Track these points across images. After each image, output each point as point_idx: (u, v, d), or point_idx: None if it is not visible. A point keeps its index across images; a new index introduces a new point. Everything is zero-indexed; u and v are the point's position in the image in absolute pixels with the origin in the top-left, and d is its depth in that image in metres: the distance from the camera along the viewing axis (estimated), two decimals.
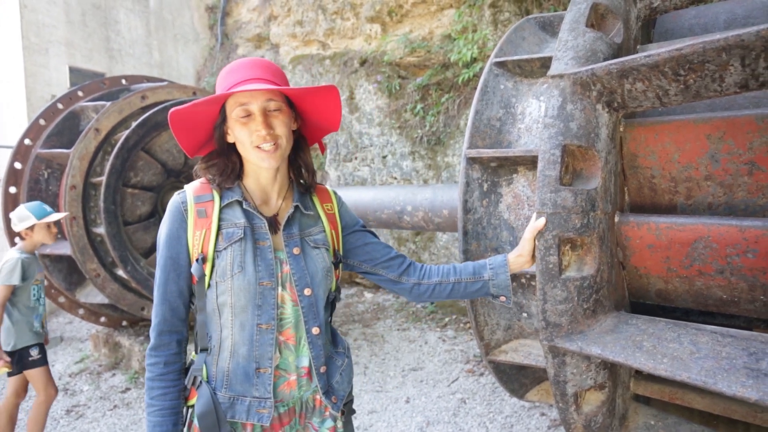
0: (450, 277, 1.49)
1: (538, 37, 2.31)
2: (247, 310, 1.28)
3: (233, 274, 1.26)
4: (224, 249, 1.27)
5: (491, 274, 1.47)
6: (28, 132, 4.69)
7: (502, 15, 5.25)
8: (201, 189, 1.33)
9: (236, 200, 1.32)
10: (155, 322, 1.31)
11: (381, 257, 1.51)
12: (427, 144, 5.77)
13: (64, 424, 3.80)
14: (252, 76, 1.25)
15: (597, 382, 1.52)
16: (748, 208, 1.49)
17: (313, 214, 1.43)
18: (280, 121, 1.27)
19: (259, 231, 1.32)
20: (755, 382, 1.10)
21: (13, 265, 3.07)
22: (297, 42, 7.43)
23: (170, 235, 1.29)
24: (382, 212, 3.12)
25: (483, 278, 1.48)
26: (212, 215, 1.29)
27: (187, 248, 1.29)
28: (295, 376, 1.35)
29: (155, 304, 1.31)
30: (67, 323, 6.17)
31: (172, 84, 5.06)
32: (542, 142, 1.47)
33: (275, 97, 1.26)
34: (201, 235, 1.28)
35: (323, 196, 1.49)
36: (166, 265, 1.29)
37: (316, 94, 1.31)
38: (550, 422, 3.42)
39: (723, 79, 1.25)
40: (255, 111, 1.24)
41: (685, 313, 1.93)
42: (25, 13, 6.30)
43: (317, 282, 1.36)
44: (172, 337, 1.31)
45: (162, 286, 1.30)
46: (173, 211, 1.30)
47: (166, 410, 1.29)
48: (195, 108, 1.25)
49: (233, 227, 1.29)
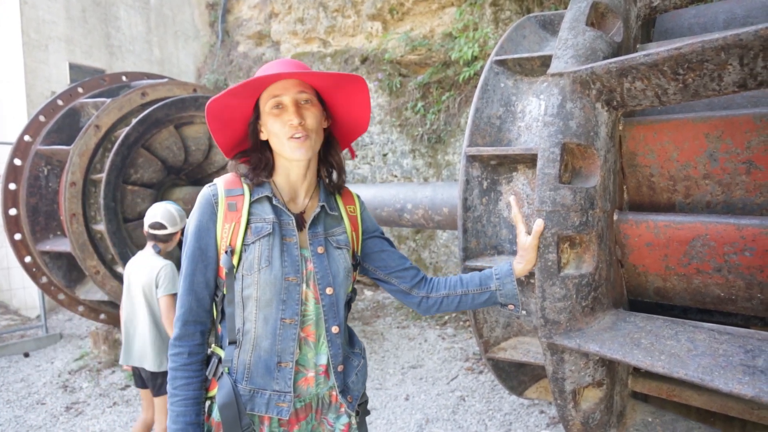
0: (457, 289, 1.50)
1: (539, 36, 2.31)
2: (271, 304, 1.29)
3: (260, 268, 1.28)
4: (252, 243, 1.29)
5: (498, 284, 1.48)
6: (28, 128, 4.69)
7: (503, 13, 5.25)
8: (232, 183, 1.35)
9: (266, 196, 1.34)
10: (180, 312, 1.32)
11: (396, 267, 1.53)
12: (427, 142, 5.77)
13: (64, 420, 3.81)
14: (285, 71, 1.28)
15: (595, 379, 1.53)
16: (745, 207, 1.50)
17: (337, 215, 1.45)
18: (312, 113, 1.30)
19: (287, 227, 1.34)
20: (752, 379, 1.11)
21: (173, 272, 2.74)
22: (298, 39, 7.43)
23: (200, 226, 1.31)
24: (383, 210, 3.12)
25: (490, 288, 1.48)
26: (242, 209, 1.31)
27: (215, 240, 1.31)
28: (313, 372, 1.37)
29: (181, 294, 1.32)
30: (66, 320, 6.18)
31: (172, 81, 5.06)
32: (542, 141, 1.48)
33: (306, 90, 1.30)
34: (230, 228, 1.30)
35: (347, 198, 1.52)
36: (194, 256, 1.31)
37: (345, 86, 1.33)
38: (549, 419, 3.43)
39: (721, 79, 1.26)
40: (287, 102, 1.28)
41: (683, 310, 1.94)
42: (25, 9, 6.29)
43: (339, 282, 1.38)
44: (197, 327, 1.33)
45: (189, 276, 1.31)
46: (204, 203, 1.32)
47: (189, 400, 1.30)
48: (230, 100, 1.28)
49: (262, 222, 1.31)
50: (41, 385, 4.45)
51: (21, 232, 4.67)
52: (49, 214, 4.63)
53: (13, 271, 6.29)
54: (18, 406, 4.04)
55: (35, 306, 6.15)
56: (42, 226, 4.61)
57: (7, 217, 4.61)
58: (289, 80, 1.29)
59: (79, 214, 4.26)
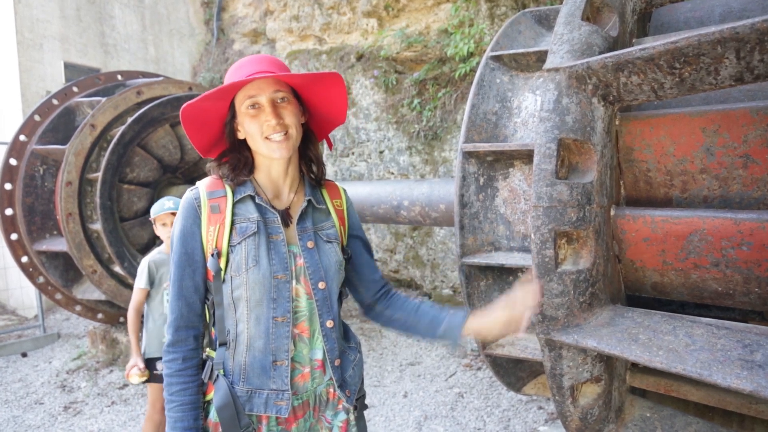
0: (409, 318, 1.50)
1: (534, 31, 2.30)
2: (262, 303, 1.29)
3: (248, 268, 1.27)
4: (238, 244, 1.29)
5: (442, 332, 1.44)
6: (23, 128, 4.67)
7: (499, 9, 5.23)
8: (213, 185, 1.34)
9: (249, 195, 1.33)
10: (171, 318, 1.31)
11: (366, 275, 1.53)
12: (423, 139, 5.76)
13: (62, 420, 3.80)
14: (258, 70, 1.26)
15: (593, 374, 1.53)
16: (743, 201, 1.49)
17: (324, 209, 1.45)
18: (289, 111, 1.29)
19: (272, 225, 1.33)
20: (749, 374, 1.11)
21: (141, 267, 2.89)
22: (293, 37, 7.40)
23: (184, 231, 1.31)
24: (379, 207, 3.11)
25: (435, 332, 1.46)
26: (225, 210, 1.30)
27: (201, 244, 1.31)
28: (308, 368, 1.36)
29: (171, 300, 1.32)
30: (64, 320, 6.17)
31: (167, 79, 5.04)
32: (538, 136, 1.47)
33: (282, 88, 1.29)
34: (215, 230, 1.29)
35: (333, 192, 1.51)
36: (181, 261, 1.30)
37: (321, 81, 1.32)
38: (547, 415, 3.44)
39: (718, 72, 1.25)
40: (264, 102, 1.26)
41: (681, 305, 1.94)
42: (19, 8, 6.25)
43: (331, 275, 1.37)
44: (189, 332, 1.33)
45: (177, 282, 1.31)
46: (186, 207, 1.32)
47: (186, 405, 1.30)
48: (205, 103, 1.27)
49: (246, 222, 1.30)
50: (39, 384, 4.44)
51: (17, 232, 4.65)
52: (45, 214, 4.61)
53: (9, 271, 6.27)
54: (16, 406, 4.03)
55: (32, 306, 6.13)
56: (38, 226, 4.58)
57: (3, 217, 4.59)
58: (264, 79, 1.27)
59: (75, 213, 4.24)
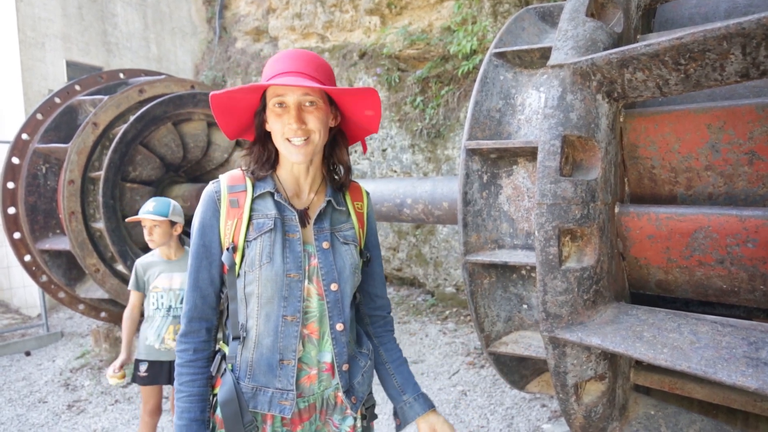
0: (386, 366, 1.52)
1: (538, 28, 2.29)
2: (273, 301, 1.29)
3: (261, 265, 1.27)
4: (254, 239, 1.29)
5: (399, 408, 1.49)
6: (26, 127, 4.68)
7: (502, 6, 5.21)
8: (235, 179, 1.35)
9: (268, 191, 1.33)
10: (186, 309, 1.32)
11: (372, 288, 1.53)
12: (426, 137, 5.75)
13: (66, 419, 3.82)
14: (293, 69, 1.25)
15: (597, 372, 1.52)
16: (748, 198, 1.49)
17: (344, 210, 1.44)
18: (314, 117, 1.26)
19: (289, 223, 1.33)
20: (755, 371, 1.10)
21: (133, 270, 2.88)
22: (296, 35, 7.40)
23: (203, 223, 1.31)
24: (382, 205, 3.11)
25: (396, 398, 1.50)
26: (244, 205, 1.31)
27: (219, 237, 1.31)
28: (315, 370, 1.35)
29: (187, 291, 1.33)
30: (67, 318, 6.19)
31: (170, 78, 5.04)
32: (542, 133, 1.46)
33: (312, 93, 1.26)
34: (233, 224, 1.30)
35: (355, 193, 1.49)
36: (198, 253, 1.31)
37: (355, 96, 1.30)
38: (551, 413, 3.44)
39: (723, 68, 1.24)
40: (290, 104, 1.25)
41: (685, 303, 1.93)
42: (21, 6, 6.26)
43: (345, 278, 1.36)
44: (202, 324, 1.33)
45: (194, 273, 1.32)
46: (207, 200, 1.32)
47: (194, 396, 1.30)
48: (234, 95, 1.26)
49: (264, 218, 1.30)
50: (43, 383, 4.45)
51: (20, 230, 4.67)
52: (47, 213, 4.62)
53: (13, 270, 6.29)
54: (20, 405, 4.05)
55: (36, 305, 6.16)
56: (41, 225, 4.60)
57: (6, 216, 4.60)
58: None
59: (78, 212, 4.25)
